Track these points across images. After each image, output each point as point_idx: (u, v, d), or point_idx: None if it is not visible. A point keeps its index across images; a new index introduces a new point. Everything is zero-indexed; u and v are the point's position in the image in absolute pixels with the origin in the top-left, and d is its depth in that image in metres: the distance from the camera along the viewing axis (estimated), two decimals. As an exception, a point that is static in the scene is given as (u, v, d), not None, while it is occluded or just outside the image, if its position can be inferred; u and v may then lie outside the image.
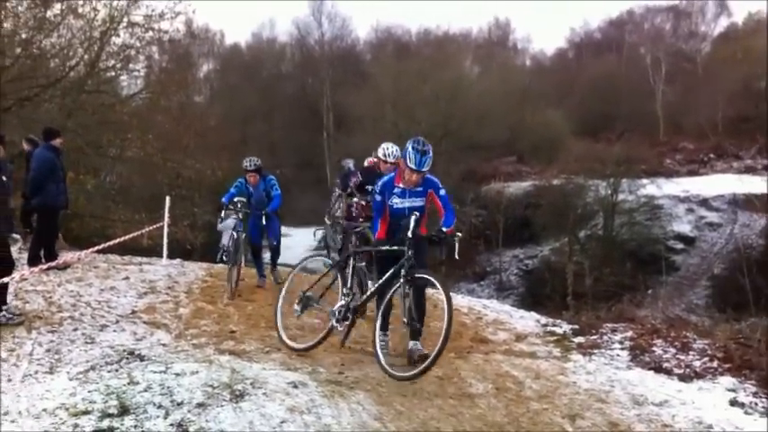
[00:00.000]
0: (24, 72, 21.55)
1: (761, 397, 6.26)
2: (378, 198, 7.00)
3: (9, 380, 5.89)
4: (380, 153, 8.55)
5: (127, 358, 6.45)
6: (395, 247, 6.65)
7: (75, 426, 4.85)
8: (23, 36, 22.04)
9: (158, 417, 5.01)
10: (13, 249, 8.43)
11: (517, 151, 50.50)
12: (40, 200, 10.93)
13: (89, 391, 5.47)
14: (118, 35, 24.16)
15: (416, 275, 6.38)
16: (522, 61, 69.37)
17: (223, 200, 10.61)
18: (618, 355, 7.57)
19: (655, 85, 55.60)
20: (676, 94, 54.71)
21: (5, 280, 7.52)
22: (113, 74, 25.71)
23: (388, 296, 6.64)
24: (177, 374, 5.79)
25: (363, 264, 7.67)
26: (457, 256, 6.74)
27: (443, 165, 43.62)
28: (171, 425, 4.90)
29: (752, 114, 46.83)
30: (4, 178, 7.98)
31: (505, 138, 47.84)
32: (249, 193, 10.76)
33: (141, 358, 6.46)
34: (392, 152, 8.38)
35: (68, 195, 12.38)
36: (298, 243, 40.05)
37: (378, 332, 6.49)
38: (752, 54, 48.02)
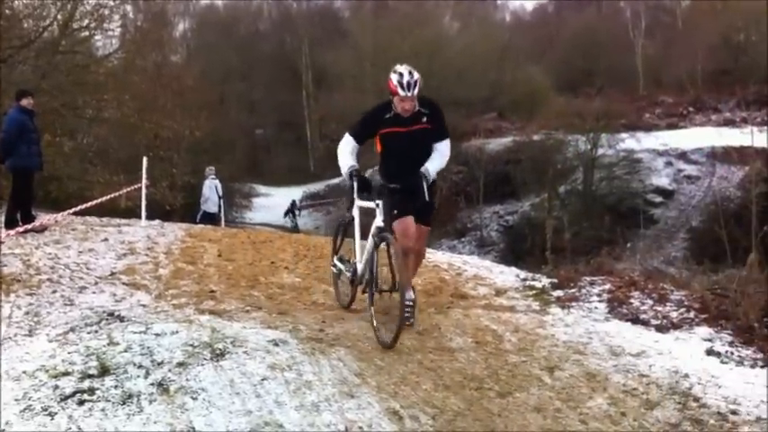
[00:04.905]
0: (-3, 33, 21.15)
1: (736, 346, 6.35)
2: None
3: (-12, 343, 5.87)
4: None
5: (106, 319, 6.43)
6: None
7: (56, 387, 4.85)
8: (-5, -3, 21.57)
9: (139, 376, 5.01)
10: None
11: (497, 107, 50.36)
12: (12, 162, 10.83)
13: (69, 353, 5.46)
14: (91, -7, 23.76)
15: None
16: (502, 17, 68.97)
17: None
18: (596, 308, 7.64)
19: (634, 39, 55.50)
20: (656, 47, 54.68)
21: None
22: (87, 33, 25.26)
23: None
24: (157, 334, 5.78)
25: None
26: None
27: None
28: (151, 384, 4.90)
29: (731, 67, 46.96)
30: None
31: (486, 94, 47.75)
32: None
33: (121, 319, 6.44)
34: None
35: (45, 157, 12.28)
36: (277, 204, 40.01)
37: None
38: (731, 7, 47.95)
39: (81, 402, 4.64)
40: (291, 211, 35.63)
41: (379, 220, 6.08)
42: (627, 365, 5.76)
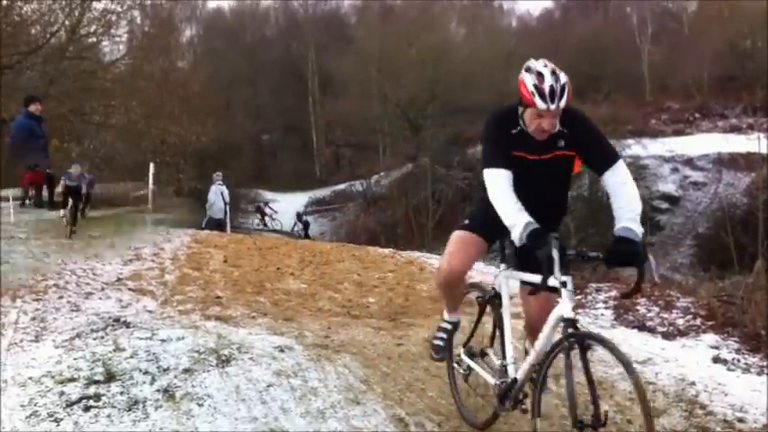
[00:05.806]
0: (5, 39, 21.22)
1: (743, 354, 6.34)
2: None
3: (-6, 349, 5.88)
4: None
5: (112, 325, 6.45)
6: None
7: (62, 393, 4.85)
8: (3, 2, 21.66)
9: (144, 383, 5.01)
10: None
11: (503, 113, 50.18)
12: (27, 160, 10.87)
13: (75, 359, 5.47)
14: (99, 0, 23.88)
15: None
16: (509, 22, 68.85)
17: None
18: (602, 315, 7.63)
19: (641, 44, 55.33)
20: (662, 53, 54.52)
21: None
22: (95, 39, 25.38)
23: None
24: (163, 340, 5.79)
25: None
26: None
27: (430, 128, 43.55)
28: (157, 390, 4.91)
29: (737, 73, 46.80)
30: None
31: (492, 100, 47.58)
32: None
33: (127, 325, 6.45)
34: None
35: (52, 162, 12.34)
36: (283, 210, 39.95)
37: None
38: (738, 13, 47.85)
39: (87, 408, 4.65)
40: (302, 223, 36.21)
41: (567, 308, 3.80)
42: (633, 373, 5.74)
